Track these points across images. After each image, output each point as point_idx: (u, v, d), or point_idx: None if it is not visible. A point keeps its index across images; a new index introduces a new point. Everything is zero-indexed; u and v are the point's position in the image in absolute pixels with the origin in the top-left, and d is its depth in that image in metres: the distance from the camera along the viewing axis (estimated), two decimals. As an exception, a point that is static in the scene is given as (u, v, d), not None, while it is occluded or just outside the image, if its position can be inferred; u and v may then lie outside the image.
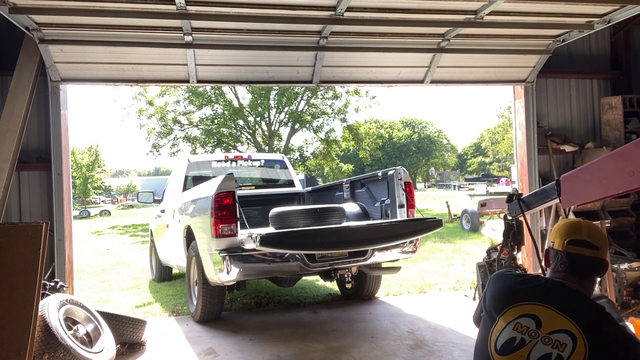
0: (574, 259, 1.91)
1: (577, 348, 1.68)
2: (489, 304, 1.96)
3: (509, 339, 1.79)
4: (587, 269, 1.92)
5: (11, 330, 3.09)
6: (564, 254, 1.93)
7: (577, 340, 1.69)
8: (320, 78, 6.74)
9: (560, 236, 1.97)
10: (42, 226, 3.32)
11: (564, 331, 1.72)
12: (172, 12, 5.20)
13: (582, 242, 1.92)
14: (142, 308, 6.69)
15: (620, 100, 7.43)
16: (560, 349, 1.69)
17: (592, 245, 1.91)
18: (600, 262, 1.93)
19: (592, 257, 1.91)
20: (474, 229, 14.18)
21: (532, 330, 1.77)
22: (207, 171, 7.65)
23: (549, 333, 1.74)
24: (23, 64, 5.92)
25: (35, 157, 6.20)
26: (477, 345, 1.93)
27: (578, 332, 1.71)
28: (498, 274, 2.06)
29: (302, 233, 4.72)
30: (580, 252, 1.91)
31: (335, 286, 7.10)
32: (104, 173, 47.39)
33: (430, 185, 57.26)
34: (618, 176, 2.82)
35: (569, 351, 1.68)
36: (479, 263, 5.84)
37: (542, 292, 1.87)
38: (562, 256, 1.94)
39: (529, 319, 1.79)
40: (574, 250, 1.92)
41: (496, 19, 5.84)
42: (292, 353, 4.51)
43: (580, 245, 1.91)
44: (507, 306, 1.87)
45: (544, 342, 1.73)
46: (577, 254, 1.91)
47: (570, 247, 1.92)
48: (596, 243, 1.91)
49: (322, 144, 26.35)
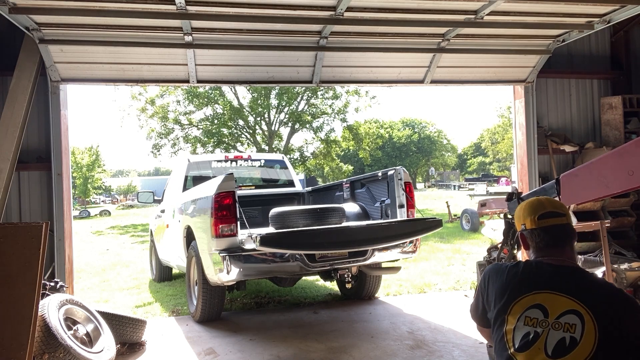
0: (550, 231, 2.02)
1: (586, 325, 1.75)
2: (494, 305, 2.00)
3: (524, 334, 1.83)
4: (563, 236, 2.03)
5: (11, 330, 3.09)
6: (539, 230, 2.03)
7: (583, 317, 1.76)
8: (320, 78, 6.74)
9: (528, 215, 2.07)
10: (42, 226, 3.32)
11: (570, 312, 1.79)
12: (172, 12, 5.20)
13: (550, 213, 2.03)
14: (142, 308, 6.69)
15: (620, 100, 7.43)
16: (571, 331, 1.76)
17: (559, 213, 2.04)
18: (571, 227, 2.06)
19: (562, 224, 2.03)
20: (474, 229, 14.18)
21: (541, 320, 1.82)
22: (207, 171, 7.64)
23: (557, 318, 1.80)
24: (23, 64, 5.92)
25: (35, 157, 6.20)
26: (497, 348, 1.96)
27: (582, 307, 1.78)
28: (492, 270, 2.10)
29: (302, 233, 4.72)
30: (552, 223, 2.02)
31: (335, 286, 7.10)
32: (104, 173, 47.38)
33: (430, 185, 57.27)
34: (617, 175, 2.83)
35: (580, 331, 1.75)
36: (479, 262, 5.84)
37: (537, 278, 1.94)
38: (538, 232, 2.03)
39: (536, 310, 1.85)
40: (547, 222, 2.02)
41: (496, 19, 5.84)
42: (292, 353, 4.51)
43: (550, 216, 2.02)
44: (511, 303, 1.91)
45: (555, 329, 1.79)
46: (551, 225, 2.02)
47: (542, 221, 2.03)
48: (561, 211, 2.05)
49: (322, 144, 26.36)
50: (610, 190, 3.01)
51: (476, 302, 2.18)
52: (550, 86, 7.63)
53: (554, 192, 3.60)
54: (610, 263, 4.98)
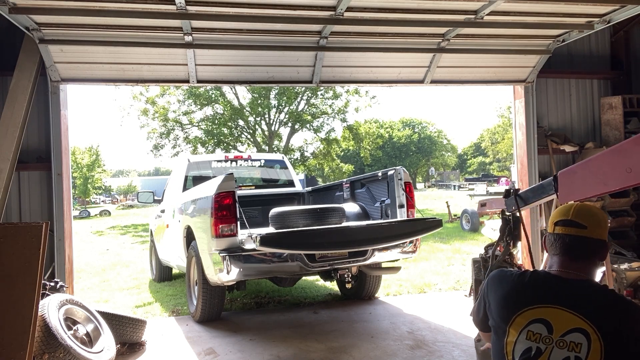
0: (563, 240, 1.92)
1: (592, 345, 1.67)
2: (495, 314, 1.93)
3: (525, 349, 1.76)
4: (578, 249, 1.89)
5: (11, 330, 3.09)
6: (554, 236, 1.95)
7: (590, 336, 1.68)
8: (320, 78, 6.74)
9: (552, 220, 2.00)
10: (42, 226, 3.32)
11: (576, 330, 1.71)
12: (172, 12, 5.20)
13: (568, 222, 1.92)
14: (142, 308, 6.69)
15: (620, 100, 7.43)
16: (576, 350, 1.68)
17: (577, 224, 1.90)
18: (592, 241, 1.90)
19: (579, 236, 1.89)
20: (474, 229, 14.18)
21: (545, 337, 1.74)
22: (207, 171, 7.65)
23: (562, 336, 1.72)
24: (23, 64, 5.91)
25: (35, 157, 6.19)
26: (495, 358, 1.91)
27: (589, 326, 1.70)
28: (495, 276, 2.02)
29: (302, 233, 4.72)
30: (566, 232, 1.91)
31: (335, 286, 7.10)
32: (104, 173, 47.36)
33: (430, 185, 57.24)
34: (616, 172, 2.81)
35: (585, 351, 1.67)
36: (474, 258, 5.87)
37: (544, 290, 1.85)
38: (553, 239, 1.95)
39: (540, 325, 1.77)
40: (561, 230, 1.93)
41: (496, 19, 5.84)
42: (292, 353, 4.51)
43: (566, 225, 1.92)
44: (514, 314, 1.84)
45: (559, 347, 1.71)
46: (564, 235, 1.91)
47: (558, 227, 1.94)
48: (583, 222, 1.90)
49: (322, 144, 26.36)
50: (609, 187, 3.00)
51: (477, 307, 2.12)
52: (550, 86, 7.63)
53: (552, 188, 3.59)
54: (610, 263, 4.98)
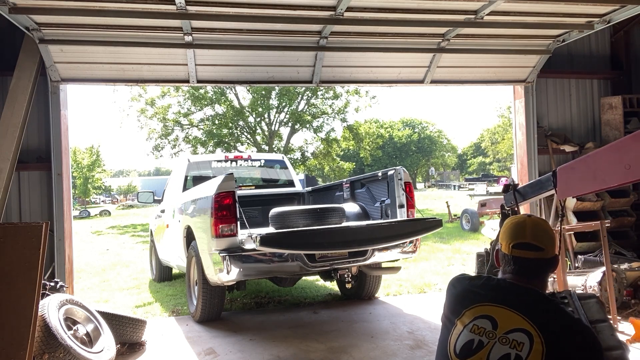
0: (520, 262, 1.91)
1: (534, 346, 1.69)
2: (447, 308, 1.97)
3: (468, 342, 1.79)
4: (534, 270, 1.91)
5: (11, 330, 3.09)
6: (510, 257, 1.93)
7: (533, 338, 1.70)
8: (320, 78, 6.74)
9: (506, 239, 1.97)
10: (42, 226, 3.32)
11: (520, 330, 1.73)
12: (172, 12, 5.20)
13: (526, 245, 1.90)
14: (142, 308, 6.69)
15: (620, 100, 7.43)
16: (518, 348, 1.70)
17: (536, 247, 1.89)
18: (547, 261, 1.91)
19: (537, 258, 1.90)
20: (474, 229, 14.18)
21: (489, 331, 1.77)
22: (207, 171, 7.64)
23: (505, 333, 1.75)
24: (23, 64, 5.92)
25: (35, 157, 6.20)
26: (438, 349, 1.93)
27: (533, 329, 1.71)
28: (455, 279, 2.06)
29: (302, 233, 4.72)
30: (525, 256, 1.90)
31: (335, 286, 7.09)
32: (104, 173, 47.35)
33: (430, 185, 57.24)
34: (614, 169, 2.80)
35: (527, 350, 1.69)
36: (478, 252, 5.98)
37: (495, 292, 1.88)
38: (509, 260, 1.94)
39: (485, 320, 1.80)
40: (519, 254, 1.91)
41: (496, 19, 5.84)
42: (292, 353, 4.51)
43: (524, 248, 1.90)
44: (464, 309, 1.87)
45: (501, 343, 1.73)
46: (523, 258, 1.90)
47: (516, 251, 1.92)
48: (540, 244, 1.90)
49: (322, 144, 26.36)
50: (607, 184, 2.99)
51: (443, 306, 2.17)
52: (550, 86, 7.64)
53: (550, 184, 3.59)
54: (610, 263, 4.98)
